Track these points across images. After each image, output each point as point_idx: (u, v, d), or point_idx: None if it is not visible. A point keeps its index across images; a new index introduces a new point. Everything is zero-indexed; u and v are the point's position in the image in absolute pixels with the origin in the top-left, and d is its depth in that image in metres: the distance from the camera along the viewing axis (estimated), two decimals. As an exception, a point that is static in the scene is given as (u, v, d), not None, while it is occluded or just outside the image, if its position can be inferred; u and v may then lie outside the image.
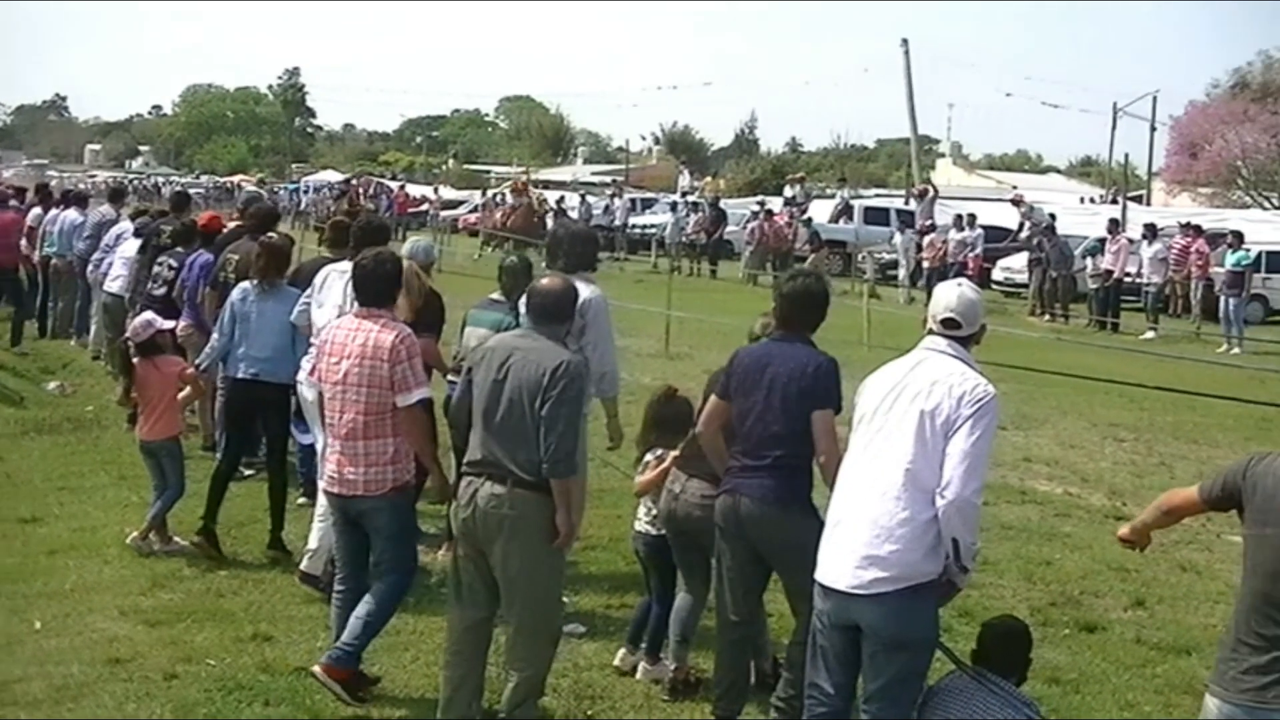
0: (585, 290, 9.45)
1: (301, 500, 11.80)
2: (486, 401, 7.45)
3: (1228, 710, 5.25)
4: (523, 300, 8.34)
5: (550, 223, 42.48)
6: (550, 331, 7.61)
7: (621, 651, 9.03)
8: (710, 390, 8.07)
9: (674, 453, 8.56)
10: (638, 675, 8.82)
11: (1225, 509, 5.61)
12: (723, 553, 7.77)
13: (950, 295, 6.79)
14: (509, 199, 52.57)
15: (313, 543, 10.00)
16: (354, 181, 58.02)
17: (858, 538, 6.50)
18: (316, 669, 8.15)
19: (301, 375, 10.38)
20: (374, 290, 8.31)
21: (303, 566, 10.10)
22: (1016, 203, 43.33)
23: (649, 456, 8.89)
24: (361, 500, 8.17)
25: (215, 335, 11.39)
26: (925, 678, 6.79)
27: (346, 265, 9.66)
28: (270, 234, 12.15)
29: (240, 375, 11.12)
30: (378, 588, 8.27)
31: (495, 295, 10.31)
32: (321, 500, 9.27)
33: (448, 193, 72.00)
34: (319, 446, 9.56)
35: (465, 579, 7.66)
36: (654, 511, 8.79)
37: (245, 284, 11.34)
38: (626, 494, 10.68)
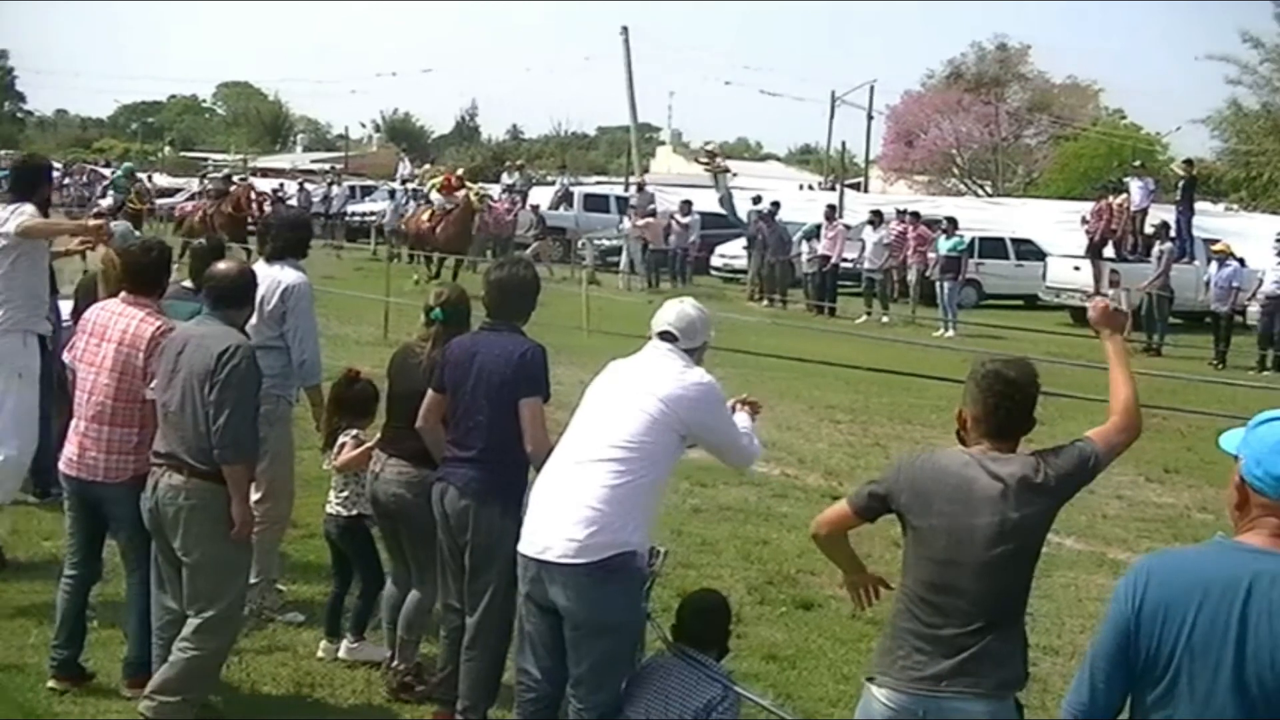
0: (290, 277, 9.40)
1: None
2: (165, 393, 7.38)
3: (899, 700, 5.27)
4: None
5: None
6: (226, 317, 7.53)
7: (323, 642, 8.95)
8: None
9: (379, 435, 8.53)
10: (341, 655, 8.79)
11: (874, 518, 5.67)
12: (440, 540, 7.70)
13: (671, 312, 6.99)
14: (435, 199, 38.54)
15: None
16: (236, 180, 46.69)
17: (562, 507, 6.54)
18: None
19: None
20: (140, 278, 8.09)
21: None
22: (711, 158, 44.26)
23: (344, 438, 8.89)
24: (101, 487, 7.92)
25: None
26: (632, 661, 6.82)
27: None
28: None
29: None
30: (132, 587, 8.09)
31: (186, 283, 9.90)
32: None
33: (163, 180, 70.28)
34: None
35: (165, 572, 7.59)
36: (344, 493, 8.83)
37: None
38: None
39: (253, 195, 39.50)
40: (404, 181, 56.94)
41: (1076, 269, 36.07)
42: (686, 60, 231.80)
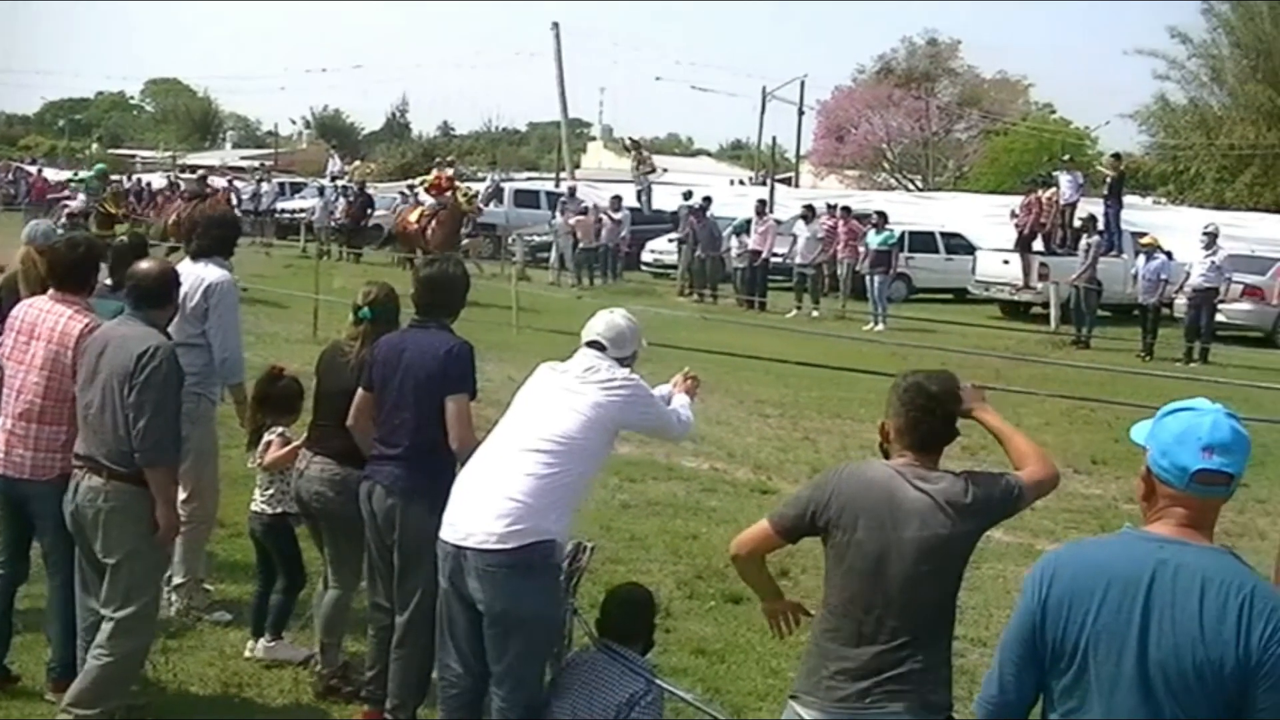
0: (214, 274, 9.39)
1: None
2: (86, 394, 7.34)
3: (822, 718, 5.25)
4: None
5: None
6: (147, 317, 7.46)
7: (250, 642, 8.91)
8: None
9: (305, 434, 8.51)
10: (258, 654, 8.77)
11: (796, 538, 5.60)
12: (368, 539, 7.70)
13: (600, 322, 7.09)
14: (424, 199, 38.57)
15: None
16: (212, 180, 43.27)
17: (485, 496, 6.58)
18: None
19: None
20: (69, 275, 8.00)
21: None
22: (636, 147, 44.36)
23: (269, 436, 8.86)
24: (27, 484, 7.83)
25: None
26: (553, 656, 6.84)
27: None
28: None
29: None
30: (55, 590, 8.02)
31: (108, 280, 9.83)
32: None
33: (158, 181, 69.36)
34: None
35: (88, 574, 7.54)
36: (270, 491, 8.79)
37: None
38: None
39: (231, 196, 37.41)
40: (334, 178, 56.61)
41: (1006, 262, 36.30)
42: (618, 56, 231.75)
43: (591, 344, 6.99)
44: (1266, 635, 3.83)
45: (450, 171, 40.27)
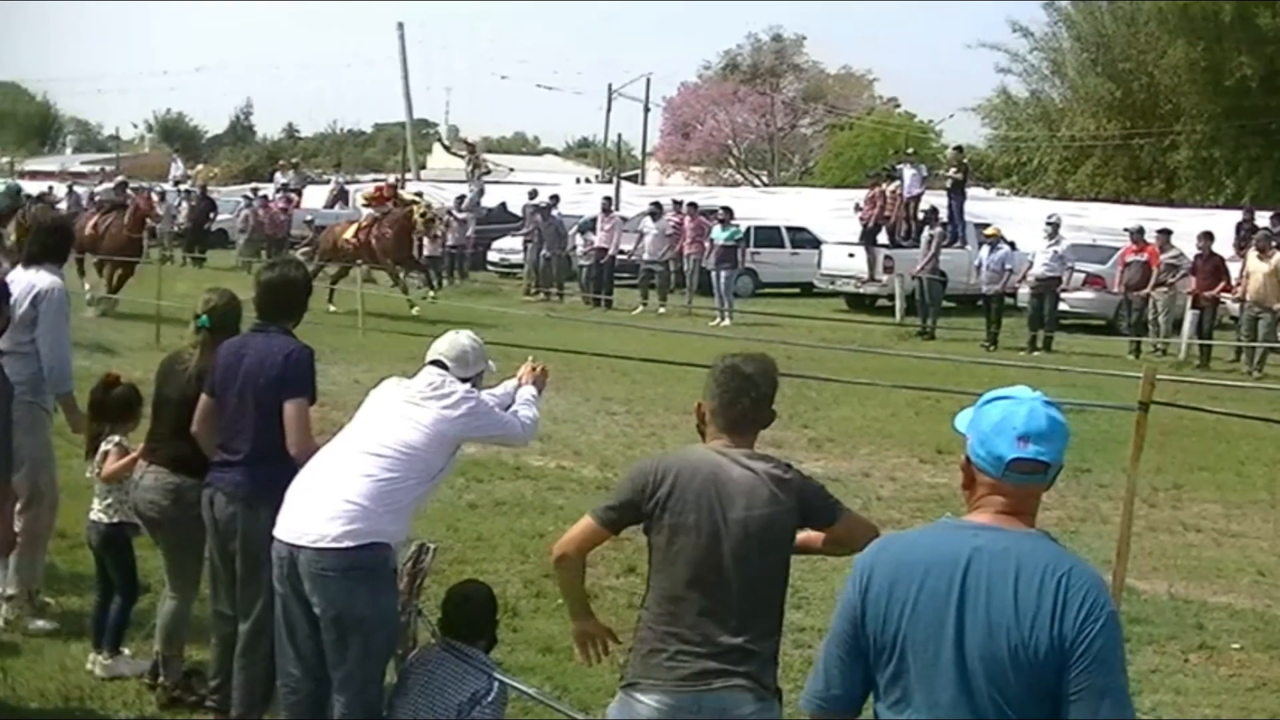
0: (45, 281, 9.23)
1: None
2: None
3: (670, 701, 5.27)
4: None
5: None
6: None
7: (92, 655, 8.74)
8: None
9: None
10: (98, 672, 8.58)
11: (619, 529, 5.61)
12: (210, 547, 7.62)
13: (444, 342, 7.16)
14: (364, 210, 34.02)
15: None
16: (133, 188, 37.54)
17: (321, 497, 6.56)
18: None
19: None
20: None
21: None
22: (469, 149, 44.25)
23: (106, 445, 8.71)
24: None
25: None
26: (396, 656, 6.83)
27: None
28: None
29: None
30: None
31: None
32: None
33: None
34: None
35: None
36: (107, 500, 8.64)
37: None
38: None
39: (155, 204, 32.68)
40: (176, 183, 56.00)
41: (851, 256, 36.68)
42: (462, 56, 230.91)
43: (435, 362, 7.01)
44: (1082, 615, 3.82)
45: (393, 179, 37.67)
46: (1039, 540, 4.03)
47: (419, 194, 38.65)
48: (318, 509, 6.51)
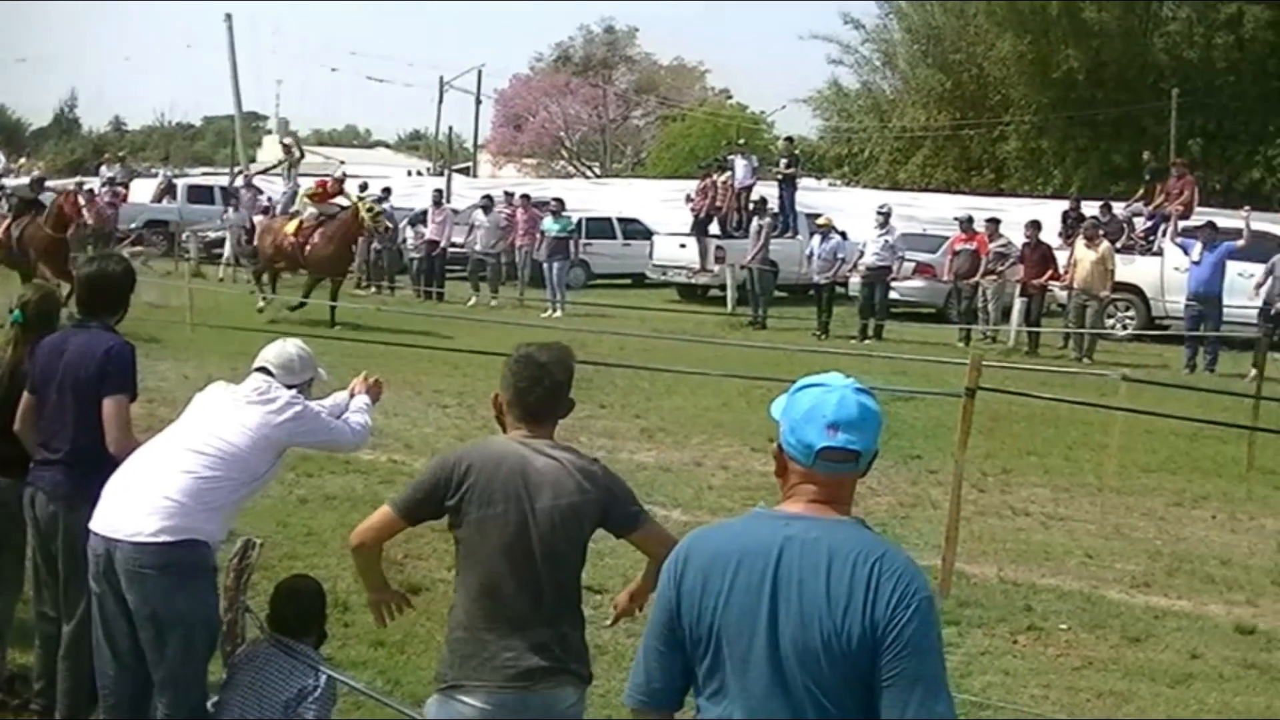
0: None
1: None
2: None
3: (495, 699, 5.25)
4: None
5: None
6: None
7: None
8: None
9: None
10: None
11: (417, 521, 5.61)
12: (32, 546, 7.52)
13: (272, 350, 7.10)
14: (309, 209, 29.83)
15: None
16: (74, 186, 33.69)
17: (138, 492, 6.47)
18: None
19: None
20: None
21: None
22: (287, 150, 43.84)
23: None
24: None
25: None
26: (222, 653, 6.77)
27: None
28: None
29: None
30: None
31: None
32: None
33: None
34: None
35: None
36: None
37: None
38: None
39: (80, 202, 27.48)
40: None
41: (682, 246, 36.91)
42: (292, 48, 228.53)
43: (260, 369, 6.97)
44: (894, 602, 3.80)
45: (340, 174, 34.30)
46: (852, 528, 4.00)
47: (363, 185, 37.89)
48: (135, 504, 6.41)
